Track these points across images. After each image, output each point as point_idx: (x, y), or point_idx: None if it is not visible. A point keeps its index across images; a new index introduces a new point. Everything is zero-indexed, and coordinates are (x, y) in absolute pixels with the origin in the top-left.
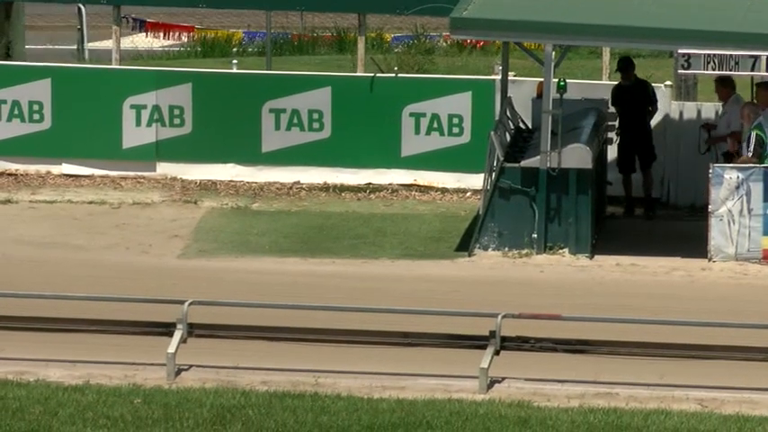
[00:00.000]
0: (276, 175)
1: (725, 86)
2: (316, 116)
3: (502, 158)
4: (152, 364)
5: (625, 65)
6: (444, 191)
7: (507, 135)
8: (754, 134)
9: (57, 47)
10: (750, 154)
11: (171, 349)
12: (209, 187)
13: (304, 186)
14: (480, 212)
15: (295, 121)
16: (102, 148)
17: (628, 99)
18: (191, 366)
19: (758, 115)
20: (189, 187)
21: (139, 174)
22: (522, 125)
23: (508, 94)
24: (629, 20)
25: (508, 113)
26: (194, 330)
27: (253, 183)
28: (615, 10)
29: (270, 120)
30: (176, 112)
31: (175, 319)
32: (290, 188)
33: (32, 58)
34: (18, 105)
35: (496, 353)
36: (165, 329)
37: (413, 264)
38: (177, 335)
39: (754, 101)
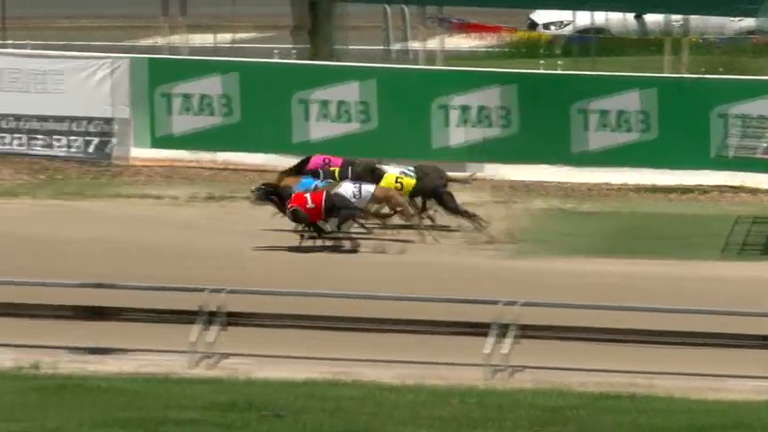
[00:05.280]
0: (595, 176)
1: None
2: (641, 117)
3: None
4: (467, 365)
5: None
6: None
7: None
8: None
9: (366, 47)
10: None
11: (488, 350)
12: (530, 188)
13: (630, 186)
14: None
15: (613, 122)
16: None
17: None
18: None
19: None
20: (500, 187)
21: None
22: None
23: None
24: None
25: None
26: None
27: (569, 183)
28: None
29: (578, 120)
30: (487, 112)
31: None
32: (618, 189)
33: (350, 58)
34: (338, 105)
35: None
36: (481, 330)
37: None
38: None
39: None
